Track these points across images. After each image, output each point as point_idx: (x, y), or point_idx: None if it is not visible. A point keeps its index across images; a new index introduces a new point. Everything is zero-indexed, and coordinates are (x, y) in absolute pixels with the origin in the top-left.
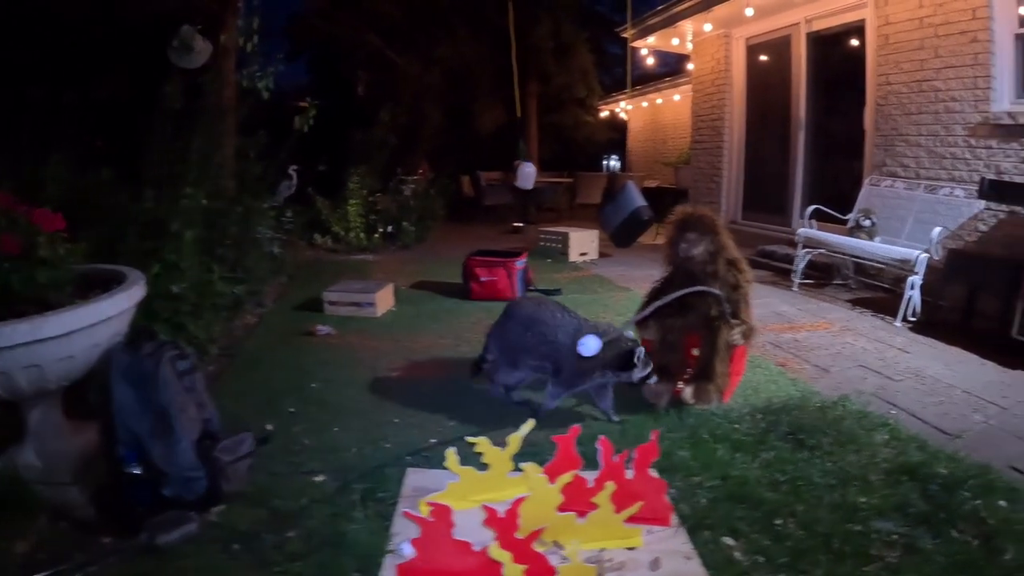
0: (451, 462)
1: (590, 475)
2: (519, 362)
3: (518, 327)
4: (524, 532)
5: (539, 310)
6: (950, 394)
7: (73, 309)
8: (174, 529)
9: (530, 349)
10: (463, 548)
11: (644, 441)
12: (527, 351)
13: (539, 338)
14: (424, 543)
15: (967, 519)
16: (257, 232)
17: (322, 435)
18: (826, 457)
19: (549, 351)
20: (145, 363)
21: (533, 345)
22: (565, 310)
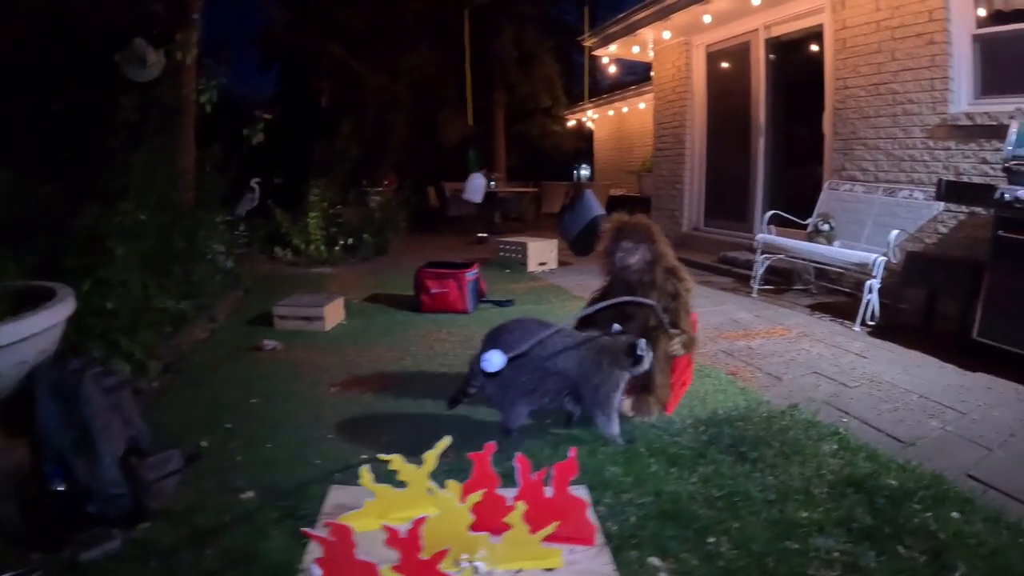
0: (365, 480)
1: (510, 493)
2: (520, 403)
3: (508, 370)
4: (429, 552)
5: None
6: (906, 400)
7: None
8: (96, 546)
9: (532, 390)
10: (367, 569)
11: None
12: (527, 393)
13: (539, 375)
14: (327, 563)
15: (915, 534)
16: (208, 246)
17: (255, 451)
18: (768, 470)
19: (557, 383)
20: (69, 379)
21: (533, 384)
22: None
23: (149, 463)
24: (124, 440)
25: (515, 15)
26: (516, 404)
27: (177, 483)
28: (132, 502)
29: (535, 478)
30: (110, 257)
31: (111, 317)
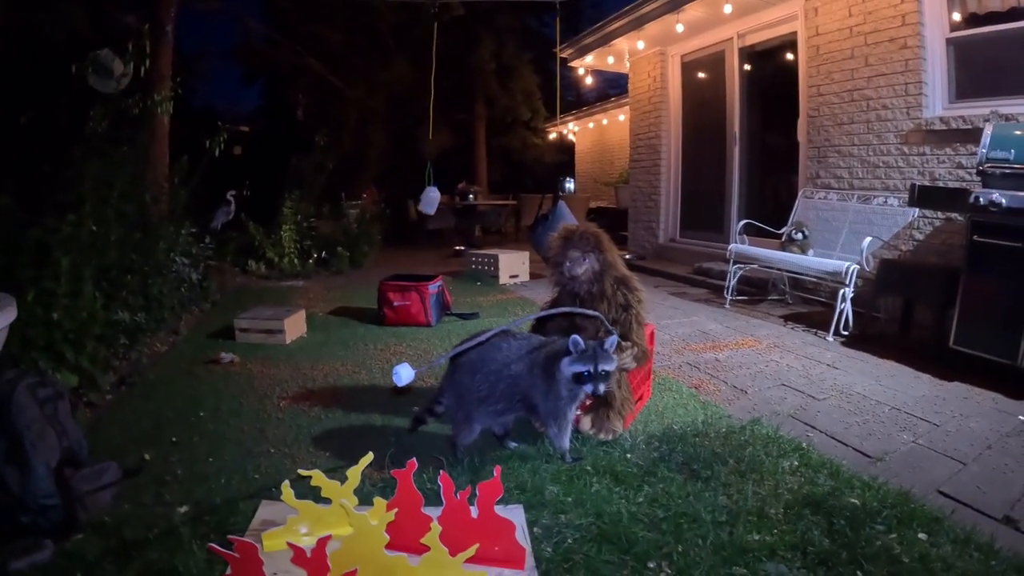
0: (287, 496)
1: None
2: (473, 415)
3: (465, 376)
4: (338, 572)
5: (482, 350)
6: (877, 412)
7: None
8: (25, 556)
9: (485, 396)
10: None
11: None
12: (481, 400)
13: (492, 379)
14: None
15: (876, 558)
16: (171, 259)
17: (195, 465)
18: (721, 489)
19: (508, 388)
20: (1, 388)
21: (487, 390)
22: (512, 336)
23: (83, 474)
24: (59, 451)
25: (494, 28)
26: (469, 418)
27: (114, 495)
28: (64, 513)
29: (459, 498)
30: (57, 268)
31: (55, 328)
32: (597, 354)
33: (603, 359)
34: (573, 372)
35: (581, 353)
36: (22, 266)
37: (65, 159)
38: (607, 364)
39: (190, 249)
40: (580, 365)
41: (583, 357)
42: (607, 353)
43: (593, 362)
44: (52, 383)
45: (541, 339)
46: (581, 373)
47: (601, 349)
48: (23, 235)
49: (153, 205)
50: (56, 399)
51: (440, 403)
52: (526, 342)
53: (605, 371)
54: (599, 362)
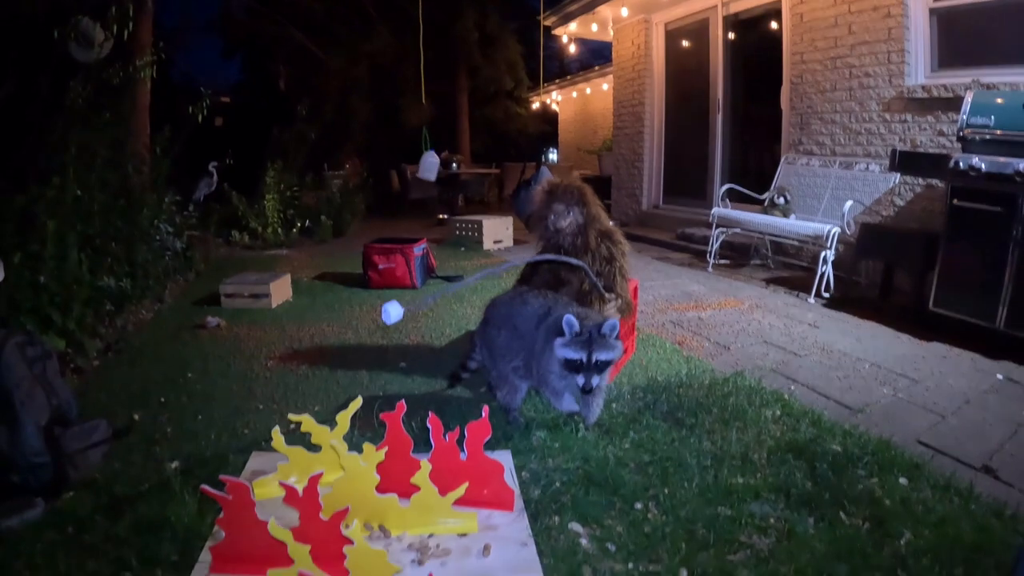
0: (277, 442)
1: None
2: (506, 373)
3: (493, 330)
4: (329, 512)
5: (511, 306)
6: (857, 368)
7: None
8: (15, 515)
9: (504, 352)
10: (265, 528)
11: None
12: (503, 356)
13: (511, 336)
14: (229, 522)
15: (858, 500)
16: (154, 227)
17: (185, 424)
18: (705, 436)
19: (520, 347)
20: None
21: (505, 346)
22: (541, 295)
23: (73, 432)
24: (48, 409)
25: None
26: (504, 376)
27: (104, 454)
28: (55, 471)
29: (448, 440)
30: (43, 232)
31: (42, 291)
32: (592, 340)
33: (600, 346)
34: (564, 357)
35: (575, 336)
36: (7, 233)
37: (47, 127)
38: (605, 352)
39: (174, 218)
40: (572, 351)
41: (576, 342)
42: (605, 339)
43: (587, 349)
44: (40, 342)
45: (558, 302)
46: (573, 361)
47: (598, 334)
48: (7, 202)
49: (135, 175)
50: (44, 358)
51: (473, 358)
52: (543, 304)
53: (601, 361)
54: (594, 350)
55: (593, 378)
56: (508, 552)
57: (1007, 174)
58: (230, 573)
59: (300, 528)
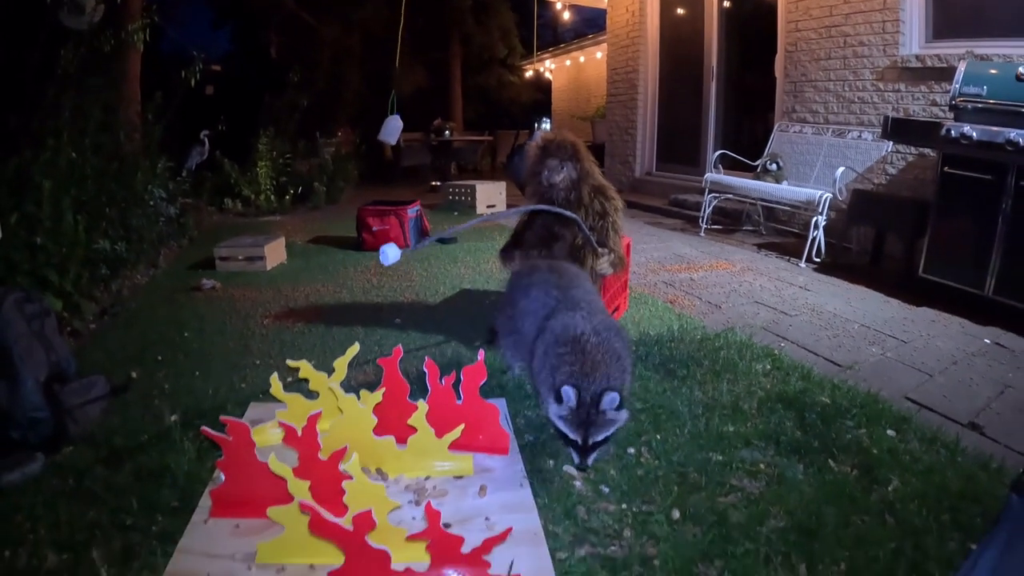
0: (275, 388)
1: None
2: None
3: (507, 299)
4: (327, 452)
5: (520, 286)
6: (847, 328)
7: None
8: (16, 469)
9: (510, 325)
10: (266, 468)
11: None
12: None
13: (513, 316)
14: (228, 464)
15: (847, 449)
16: (148, 192)
17: (182, 380)
18: (697, 386)
19: (519, 337)
20: None
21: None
22: (549, 285)
23: (72, 388)
24: (47, 366)
25: None
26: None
27: (103, 410)
28: (54, 426)
29: (444, 384)
30: (39, 193)
31: (39, 252)
32: (590, 421)
33: (598, 427)
34: (559, 429)
35: (571, 412)
36: (2, 195)
37: (40, 92)
38: (603, 431)
39: (167, 184)
40: (567, 427)
41: (572, 419)
42: (604, 417)
43: (583, 431)
44: (39, 300)
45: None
46: (568, 439)
47: (597, 412)
48: (2, 164)
49: (127, 142)
50: (43, 316)
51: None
52: (547, 301)
53: (598, 442)
54: (592, 432)
55: (589, 458)
56: (504, 493)
57: (998, 143)
58: (230, 516)
59: (299, 468)
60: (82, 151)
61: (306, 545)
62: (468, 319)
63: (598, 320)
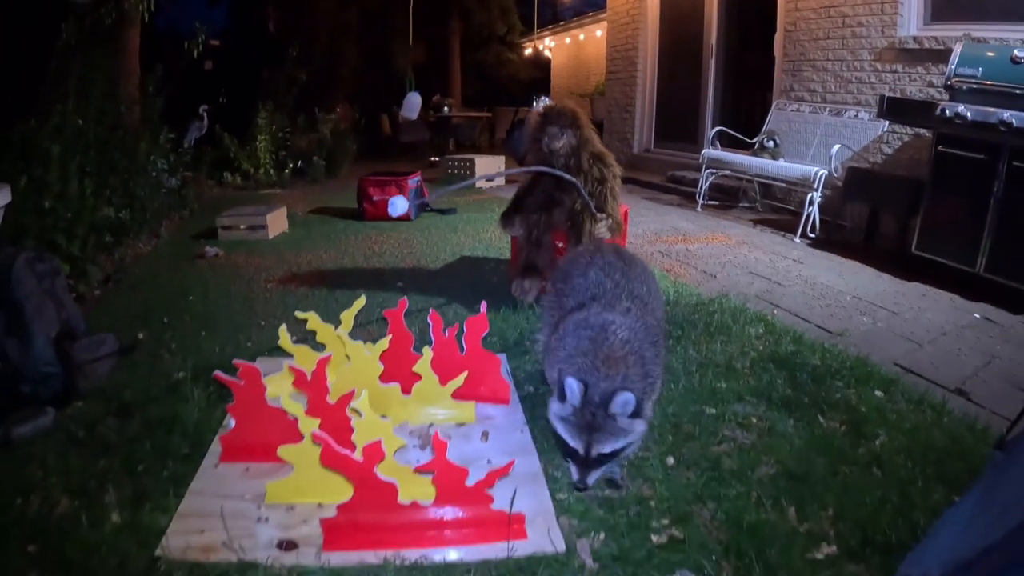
0: (283, 340)
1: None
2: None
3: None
4: (336, 396)
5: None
6: (839, 299)
7: None
8: (28, 423)
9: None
10: (277, 414)
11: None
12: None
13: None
14: (239, 409)
15: (836, 407)
16: (150, 162)
17: (189, 340)
18: (691, 346)
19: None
20: (1, 262)
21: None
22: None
23: (82, 344)
24: (57, 323)
25: None
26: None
27: (111, 367)
28: (64, 381)
29: (448, 335)
30: (46, 158)
31: (48, 216)
32: (595, 424)
33: (604, 435)
34: (557, 433)
35: (574, 412)
36: (11, 159)
37: (44, 63)
38: (610, 442)
39: (168, 155)
40: (568, 432)
41: (575, 422)
42: (614, 422)
43: (586, 437)
44: (49, 259)
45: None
46: (567, 446)
47: (605, 415)
48: (8, 132)
49: (127, 115)
50: (53, 275)
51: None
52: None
53: (604, 455)
54: (596, 439)
55: (590, 475)
56: (505, 438)
57: (991, 123)
58: (240, 461)
59: (309, 411)
60: (87, 119)
61: (315, 484)
62: (468, 283)
63: (639, 320)
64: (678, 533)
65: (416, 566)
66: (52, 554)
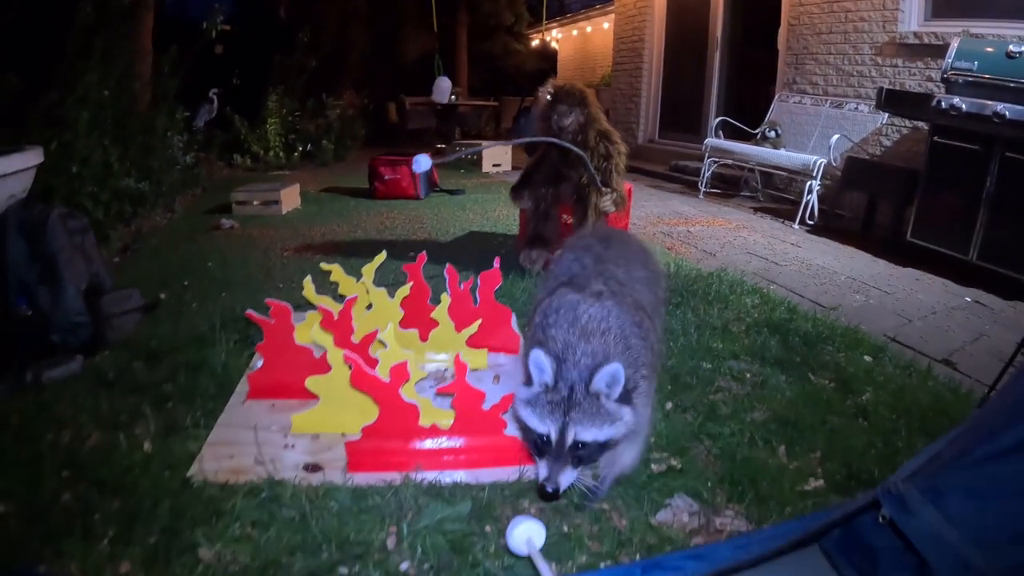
0: (308, 291)
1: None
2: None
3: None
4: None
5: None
6: (833, 279)
7: None
8: (59, 367)
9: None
10: (304, 353)
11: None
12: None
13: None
14: (268, 347)
15: (826, 367)
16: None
17: (209, 301)
18: (690, 311)
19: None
20: (36, 216)
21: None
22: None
23: (111, 297)
24: (87, 276)
25: None
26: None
27: (136, 322)
28: (93, 332)
29: (463, 288)
30: (74, 125)
31: (75, 180)
32: (572, 401)
33: (581, 416)
34: (523, 424)
35: (544, 393)
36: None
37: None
38: (588, 428)
39: (182, 132)
40: (534, 416)
41: (544, 401)
42: (597, 405)
43: (559, 418)
44: (79, 217)
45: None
46: (534, 434)
47: (585, 392)
48: (33, 104)
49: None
50: (83, 232)
51: None
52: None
53: (584, 444)
54: (572, 419)
55: (562, 474)
56: (516, 381)
57: (985, 115)
58: (266, 398)
59: None
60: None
61: (338, 416)
62: (478, 253)
63: (617, 302)
64: (676, 464)
65: (434, 485)
66: (85, 478)
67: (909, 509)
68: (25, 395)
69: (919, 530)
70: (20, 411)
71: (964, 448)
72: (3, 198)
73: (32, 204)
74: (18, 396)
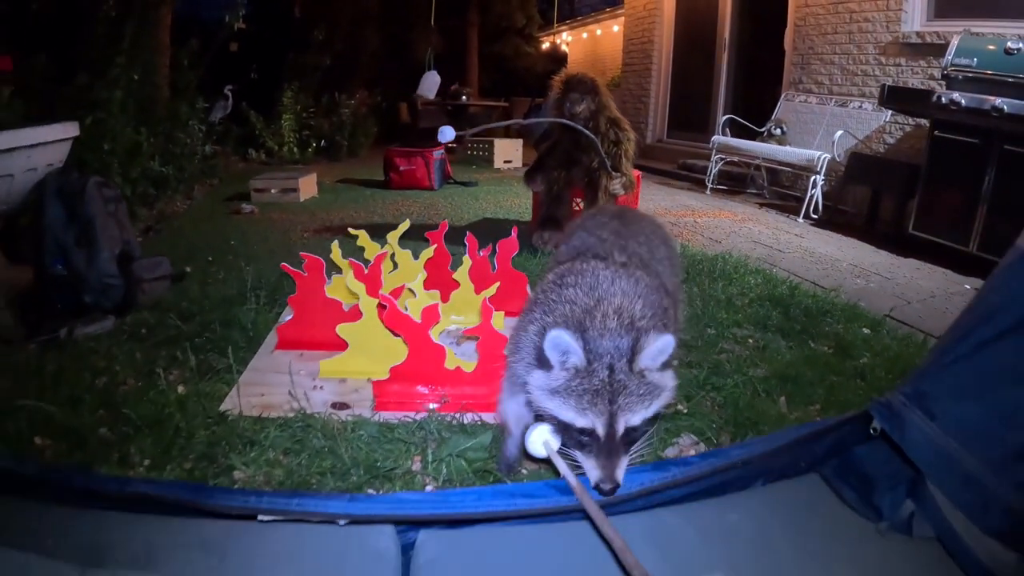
0: (335, 254)
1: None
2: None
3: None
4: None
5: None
6: (835, 265)
7: (14, 131)
8: (91, 324)
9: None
10: (334, 305)
11: None
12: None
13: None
14: (300, 300)
15: (826, 336)
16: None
17: (234, 272)
18: (695, 286)
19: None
20: (75, 183)
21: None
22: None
23: (142, 263)
24: (120, 243)
25: None
26: None
27: (165, 289)
28: (125, 294)
29: (482, 255)
30: (107, 104)
31: (107, 156)
32: (617, 385)
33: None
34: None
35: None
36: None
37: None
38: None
39: (203, 123)
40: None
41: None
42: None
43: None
44: (113, 187)
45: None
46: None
47: (629, 370)
48: (64, 85)
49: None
50: (117, 200)
51: None
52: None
53: (631, 430)
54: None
55: (618, 466)
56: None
57: (984, 109)
58: (292, 349)
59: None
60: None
61: (366, 361)
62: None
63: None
64: (683, 408)
65: (456, 420)
66: (122, 416)
67: (897, 415)
68: (60, 349)
69: (909, 436)
70: (56, 361)
71: (942, 351)
72: (42, 165)
73: (69, 171)
74: (53, 350)
